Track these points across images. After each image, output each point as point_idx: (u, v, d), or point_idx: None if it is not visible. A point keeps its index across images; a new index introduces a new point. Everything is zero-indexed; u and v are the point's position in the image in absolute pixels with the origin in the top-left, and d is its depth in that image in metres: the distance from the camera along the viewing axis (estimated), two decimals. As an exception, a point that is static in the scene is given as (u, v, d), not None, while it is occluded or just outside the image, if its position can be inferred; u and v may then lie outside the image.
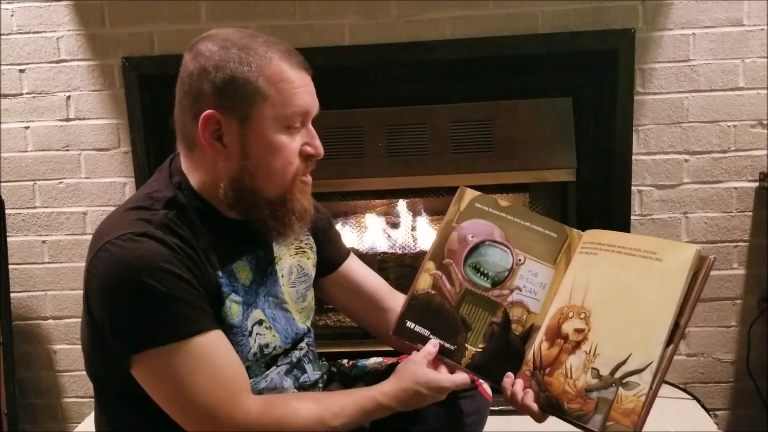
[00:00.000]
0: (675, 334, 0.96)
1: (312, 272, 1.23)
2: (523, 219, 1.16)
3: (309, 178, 1.07)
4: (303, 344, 1.19)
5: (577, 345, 1.02)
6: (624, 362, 0.97)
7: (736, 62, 1.81)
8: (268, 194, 1.02)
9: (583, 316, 1.03)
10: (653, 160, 1.88)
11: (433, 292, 1.15)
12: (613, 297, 1.02)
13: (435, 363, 1.09)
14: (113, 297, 0.93)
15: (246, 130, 0.98)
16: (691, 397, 1.90)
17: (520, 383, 1.04)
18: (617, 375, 0.97)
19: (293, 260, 1.18)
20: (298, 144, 1.02)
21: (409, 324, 1.14)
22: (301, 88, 1.00)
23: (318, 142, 1.05)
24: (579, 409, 0.98)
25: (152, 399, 0.96)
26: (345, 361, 1.33)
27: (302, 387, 1.17)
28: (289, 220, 1.04)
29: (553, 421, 1.04)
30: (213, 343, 0.96)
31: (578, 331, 1.02)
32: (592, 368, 0.99)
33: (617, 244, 1.06)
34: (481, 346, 1.10)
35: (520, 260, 1.13)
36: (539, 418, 1.03)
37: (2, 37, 1.91)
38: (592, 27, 1.80)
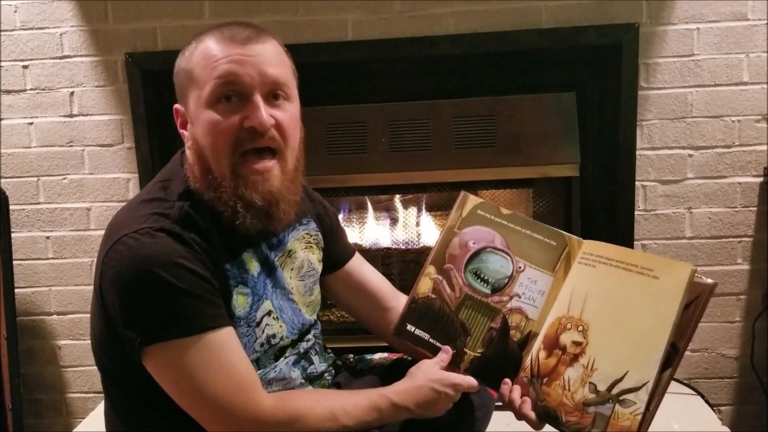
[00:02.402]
0: (673, 357, 0.96)
1: (319, 268, 1.24)
2: (523, 227, 1.17)
3: (262, 163, 1.01)
4: (310, 336, 1.20)
5: (575, 358, 1.02)
6: (621, 379, 0.98)
7: (741, 57, 1.81)
8: (217, 171, 1.00)
9: (581, 328, 1.04)
10: (657, 155, 1.87)
11: (433, 296, 1.16)
12: (611, 312, 1.03)
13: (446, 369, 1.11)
14: (128, 289, 0.93)
15: (188, 114, 1.03)
16: (695, 393, 1.90)
17: (517, 390, 1.06)
18: (614, 392, 0.97)
19: (304, 254, 1.19)
20: (235, 119, 0.98)
21: (410, 327, 1.16)
22: (224, 59, 0.97)
23: (258, 113, 0.97)
24: (577, 422, 0.99)
25: (164, 392, 0.97)
26: (350, 356, 1.34)
27: (309, 377, 1.18)
28: (251, 198, 1.00)
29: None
30: (226, 339, 0.97)
31: (576, 343, 1.03)
32: (590, 383, 1.00)
33: (615, 258, 1.07)
34: (479, 351, 1.11)
35: (520, 267, 1.14)
36: (536, 426, 1.04)
37: (6, 33, 1.91)
38: (595, 22, 1.80)
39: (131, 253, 0.92)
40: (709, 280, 0.98)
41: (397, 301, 1.27)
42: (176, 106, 1.04)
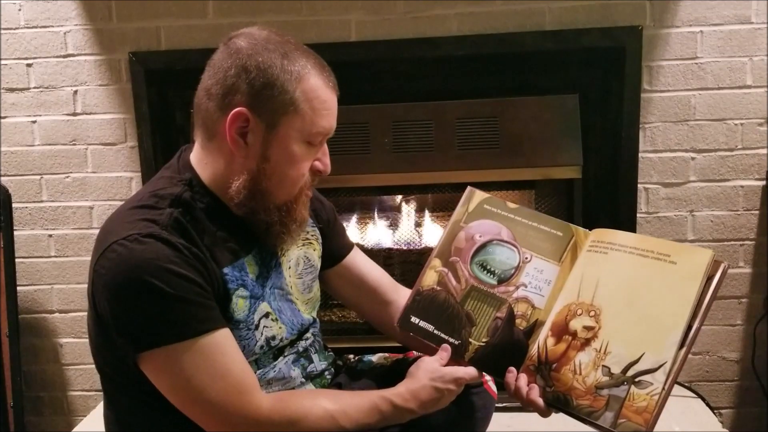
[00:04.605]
0: (688, 336, 0.97)
1: (318, 263, 1.24)
2: (530, 219, 1.17)
3: (311, 192, 1.11)
4: (308, 334, 1.19)
5: (587, 342, 1.02)
6: (636, 361, 0.97)
7: (744, 60, 1.81)
8: (277, 199, 1.04)
9: (593, 313, 1.03)
10: (660, 158, 1.87)
11: (438, 288, 1.15)
12: (626, 296, 1.03)
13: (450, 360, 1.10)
14: (119, 296, 0.93)
15: (271, 135, 1.00)
16: (696, 396, 1.90)
17: (523, 378, 1.04)
18: (629, 373, 0.97)
19: (300, 252, 1.19)
20: (311, 159, 1.05)
21: (414, 319, 1.14)
22: (330, 111, 1.03)
23: (328, 161, 1.09)
24: (589, 405, 0.98)
25: (161, 394, 0.97)
26: (351, 356, 1.34)
27: (309, 376, 1.18)
28: (291, 227, 1.08)
29: (556, 419, 1.04)
30: (220, 342, 0.97)
31: (588, 328, 1.03)
32: (603, 366, 0.99)
33: (629, 244, 1.07)
34: (484, 340, 1.10)
35: (526, 258, 1.14)
36: (544, 413, 1.03)
37: (10, 31, 1.92)
38: (599, 24, 1.80)
39: (120, 261, 0.92)
40: (722, 261, 1.00)
41: (398, 294, 1.27)
42: (243, 110, 0.97)
